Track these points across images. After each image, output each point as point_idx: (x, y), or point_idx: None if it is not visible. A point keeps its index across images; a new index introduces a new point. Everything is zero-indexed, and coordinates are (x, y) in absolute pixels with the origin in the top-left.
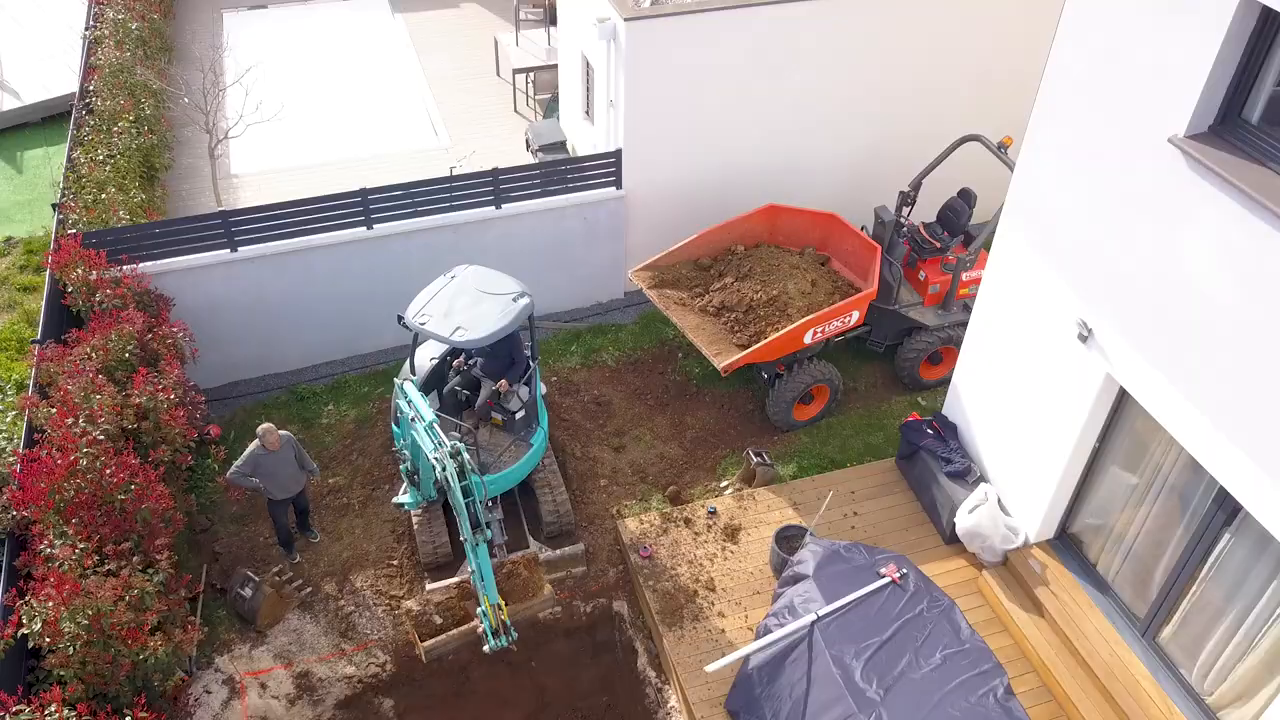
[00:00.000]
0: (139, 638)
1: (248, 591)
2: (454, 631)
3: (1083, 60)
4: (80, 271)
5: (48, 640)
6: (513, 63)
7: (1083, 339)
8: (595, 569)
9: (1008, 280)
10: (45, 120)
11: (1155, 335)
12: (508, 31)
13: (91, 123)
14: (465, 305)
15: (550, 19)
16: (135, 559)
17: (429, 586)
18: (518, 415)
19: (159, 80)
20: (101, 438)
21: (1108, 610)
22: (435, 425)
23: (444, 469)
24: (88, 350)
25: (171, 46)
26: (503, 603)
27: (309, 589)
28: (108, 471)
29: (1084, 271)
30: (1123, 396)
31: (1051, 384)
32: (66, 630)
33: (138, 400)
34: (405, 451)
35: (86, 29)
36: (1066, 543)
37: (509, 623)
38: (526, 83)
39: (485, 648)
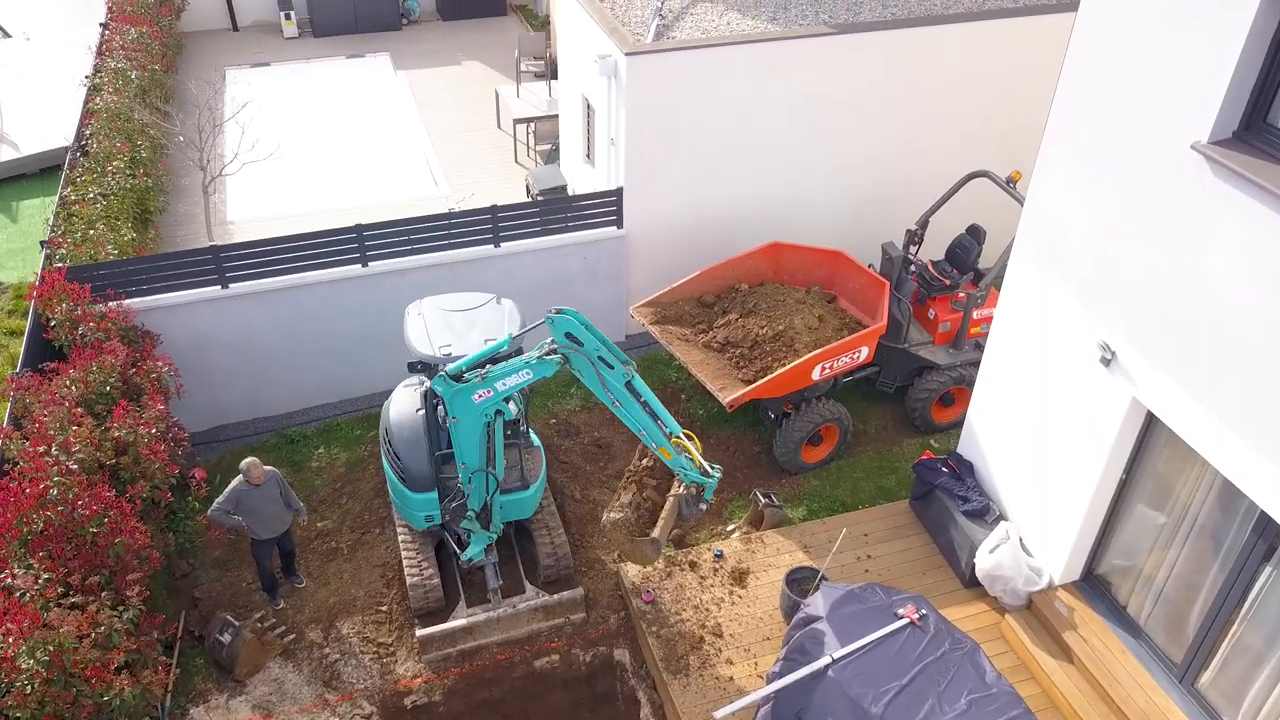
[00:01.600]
0: (104, 677)
1: (226, 637)
2: (665, 512)
3: (1096, 74)
4: (64, 306)
5: (4, 678)
6: (513, 113)
7: (1105, 362)
8: (595, 615)
9: (1023, 309)
10: (43, 171)
11: (1182, 352)
12: (509, 85)
13: (85, 164)
14: (465, 324)
15: (551, 72)
16: (105, 595)
17: (419, 633)
18: (521, 427)
19: (156, 120)
20: (75, 467)
21: (1141, 655)
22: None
23: (586, 344)
24: (67, 382)
25: (172, 97)
26: (690, 434)
27: (292, 636)
28: (79, 503)
29: (1104, 291)
30: (1150, 421)
31: (1073, 413)
32: (24, 667)
33: (117, 434)
34: (465, 488)
35: (87, 78)
36: (1094, 584)
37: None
38: (527, 133)
39: (703, 505)
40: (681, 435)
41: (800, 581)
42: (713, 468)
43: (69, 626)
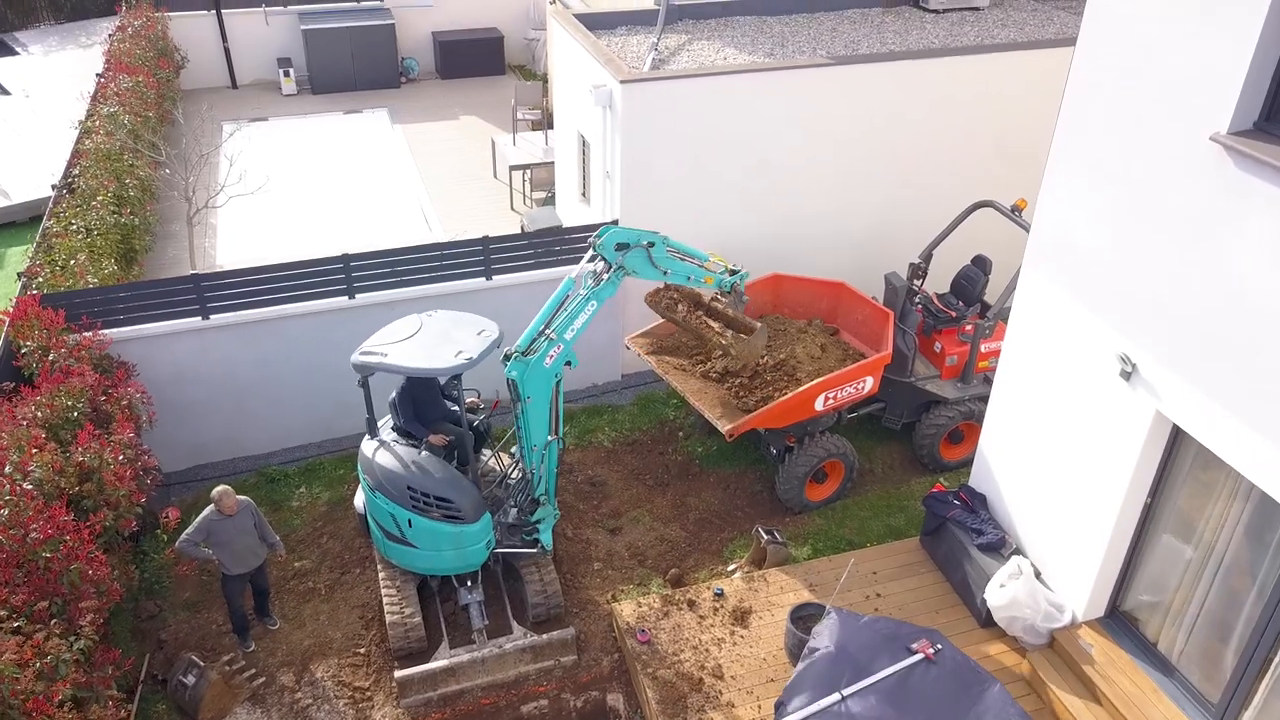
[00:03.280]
0: (46, 710)
1: (191, 679)
2: (734, 317)
3: (1102, 80)
4: (38, 333)
5: None
6: (509, 160)
7: (1125, 375)
8: (587, 658)
9: (1035, 329)
10: (32, 220)
11: (1207, 357)
12: (506, 135)
13: (69, 200)
14: (439, 338)
15: (547, 122)
16: (55, 624)
17: (397, 674)
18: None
19: (146, 151)
20: (30, 488)
21: (1175, 694)
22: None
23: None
24: (31, 407)
25: (163, 134)
26: (711, 254)
27: (262, 679)
28: (33, 526)
29: (1121, 301)
30: (1176, 436)
31: (1093, 434)
32: None
33: (80, 458)
34: (536, 470)
35: (79, 122)
36: (1120, 620)
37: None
38: (523, 181)
39: (745, 298)
40: (709, 259)
41: (806, 619)
42: (735, 270)
43: (9, 654)
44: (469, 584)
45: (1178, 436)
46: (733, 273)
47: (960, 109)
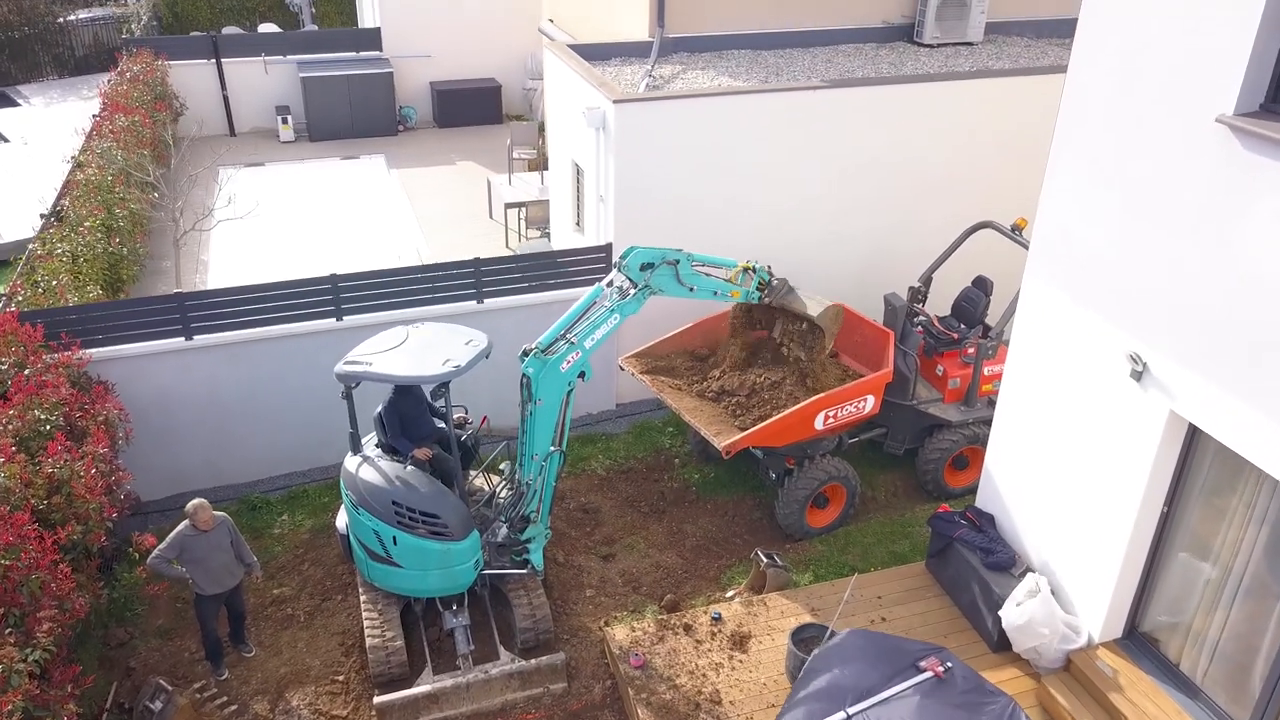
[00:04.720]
0: None
1: (158, 704)
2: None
3: (1101, 74)
4: (14, 349)
5: None
6: (504, 198)
7: (1136, 376)
8: (578, 685)
9: (1040, 336)
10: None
11: (1222, 350)
12: (501, 175)
13: (57, 228)
14: (426, 348)
15: (543, 164)
16: (10, 633)
17: (376, 700)
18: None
19: (138, 181)
20: None
21: (1200, 716)
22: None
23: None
24: (3, 420)
25: (153, 166)
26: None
27: (234, 707)
28: None
29: (1129, 299)
30: (1193, 437)
31: (1104, 441)
32: None
33: (50, 469)
34: (534, 482)
35: (71, 157)
36: (1139, 641)
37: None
38: (519, 219)
39: (783, 281)
40: (737, 264)
41: (808, 641)
42: (753, 267)
43: None
44: (454, 608)
45: (1194, 437)
46: (755, 272)
47: (959, 133)
